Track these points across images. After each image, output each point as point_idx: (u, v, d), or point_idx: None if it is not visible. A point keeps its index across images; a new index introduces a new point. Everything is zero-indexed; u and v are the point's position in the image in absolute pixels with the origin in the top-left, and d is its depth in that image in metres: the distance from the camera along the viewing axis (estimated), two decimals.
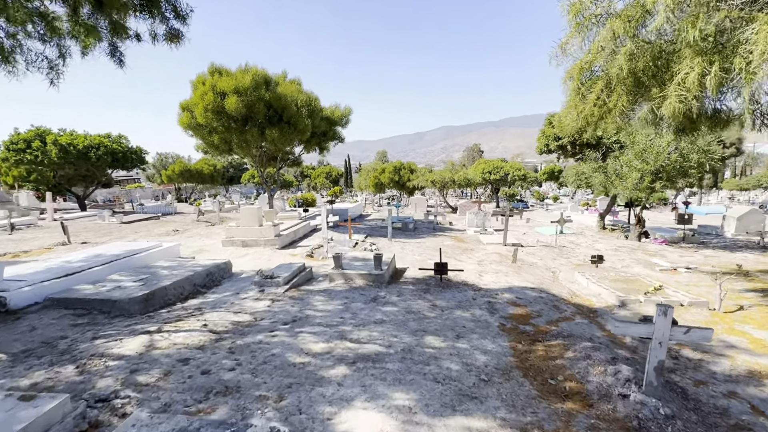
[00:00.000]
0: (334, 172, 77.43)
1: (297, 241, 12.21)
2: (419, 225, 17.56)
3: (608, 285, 7.36)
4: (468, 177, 31.12)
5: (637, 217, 13.14)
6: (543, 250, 11.82)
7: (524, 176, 40.60)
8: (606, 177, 12.54)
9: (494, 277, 7.98)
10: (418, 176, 32.85)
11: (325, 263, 9.09)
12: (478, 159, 69.59)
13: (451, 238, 13.88)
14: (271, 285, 6.56)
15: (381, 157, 69.65)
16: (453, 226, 18.41)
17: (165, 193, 51.37)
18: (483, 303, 6.15)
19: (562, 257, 11.00)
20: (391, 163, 40.30)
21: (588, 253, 11.60)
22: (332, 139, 16.99)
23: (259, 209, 11.15)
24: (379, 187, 41.50)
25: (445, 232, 15.58)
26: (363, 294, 6.36)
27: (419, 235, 14.24)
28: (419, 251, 10.86)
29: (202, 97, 12.86)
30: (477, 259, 10.33)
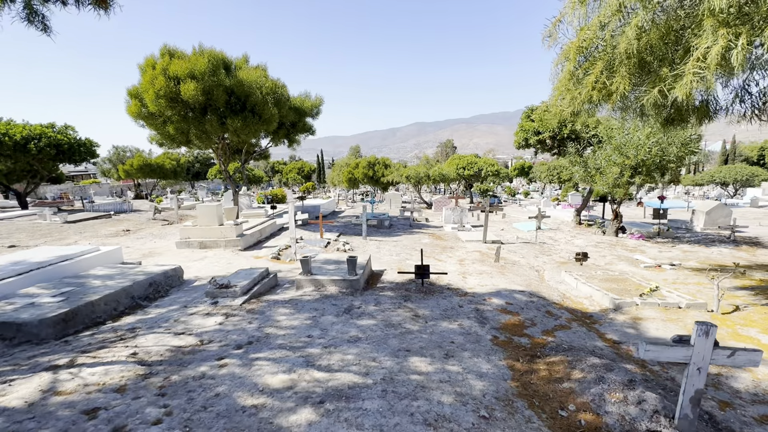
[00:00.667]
0: (306, 167, 75.59)
1: (263, 242, 11.16)
2: (395, 222, 16.85)
3: (598, 285, 6.91)
4: (443, 172, 30.74)
5: (614, 212, 13.00)
6: (524, 248, 11.39)
7: (497, 172, 40.86)
8: (586, 171, 12.28)
9: (479, 279, 7.35)
10: (392, 171, 32.16)
11: (293, 266, 8.18)
12: (452, 155, 69.87)
13: (429, 235, 13.25)
14: (226, 296, 5.60)
15: (354, 153, 68.53)
16: (429, 222, 17.83)
17: (124, 190, 48.17)
18: (471, 311, 5.47)
19: (544, 254, 10.60)
20: (365, 158, 39.40)
21: (568, 250, 11.29)
22: (302, 131, 15.92)
23: (219, 206, 10.04)
24: (352, 183, 40.53)
25: (422, 229, 14.94)
26: (335, 304, 5.53)
27: (395, 233, 13.52)
28: (396, 251, 10.13)
29: (152, 82, 11.48)
30: (458, 258, 9.71)
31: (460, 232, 13.80)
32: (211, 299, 5.57)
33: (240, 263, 8.31)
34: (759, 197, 34.06)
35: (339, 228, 14.02)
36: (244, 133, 12.38)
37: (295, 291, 6.18)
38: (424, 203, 30.79)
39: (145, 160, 40.60)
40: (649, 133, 10.20)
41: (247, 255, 9.27)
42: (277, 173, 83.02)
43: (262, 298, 5.79)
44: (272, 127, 13.01)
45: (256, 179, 53.25)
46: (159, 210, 16.65)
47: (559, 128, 13.18)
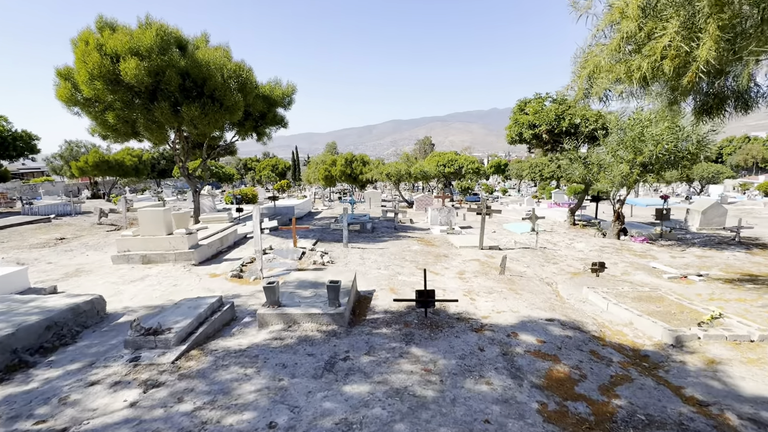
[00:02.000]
0: (281, 164, 73.01)
1: (224, 252, 9.38)
2: (377, 224, 15.34)
3: (635, 307, 5.68)
4: (424, 170, 29.48)
5: (616, 213, 12.02)
6: (525, 254, 10.16)
7: (478, 169, 40.11)
8: (587, 169, 11.20)
9: (491, 302, 5.97)
10: (371, 169, 30.61)
11: (257, 288, 6.52)
12: (431, 152, 69.13)
13: (418, 240, 11.82)
14: (154, 346, 3.92)
15: (331, 149, 66.41)
16: (414, 224, 16.44)
17: (81, 189, 44.35)
18: (496, 356, 4.06)
19: (549, 262, 9.39)
20: (343, 155, 37.63)
21: (570, 255, 10.16)
22: (273, 123, 14.10)
23: (167, 211, 8.20)
24: (329, 181, 38.69)
25: (408, 233, 13.51)
26: (312, 353, 3.96)
27: (380, 238, 12.02)
28: (384, 262, 8.63)
29: (84, 60, 9.44)
30: (456, 269, 8.33)
31: (451, 236, 12.46)
32: (132, 352, 3.88)
33: (188, 286, 6.56)
34: (728, 194, 34.75)
35: (316, 233, 12.36)
36: (203, 124, 10.49)
37: (257, 331, 4.56)
38: (404, 202, 29.45)
39: (101, 156, 37.18)
40: (669, 126, 9.16)
41: (201, 272, 7.50)
42: (249, 171, 79.85)
43: (208, 347, 4.14)
44: (237, 116, 11.17)
45: (227, 177, 50.47)
46: (105, 213, 14.41)
47: (557, 121, 12.04)
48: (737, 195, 35.21)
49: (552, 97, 12.95)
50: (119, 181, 47.29)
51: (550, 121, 11.77)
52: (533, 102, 12.26)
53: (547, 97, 12.81)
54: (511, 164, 69.51)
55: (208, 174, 13.99)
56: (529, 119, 12.51)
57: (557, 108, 12.08)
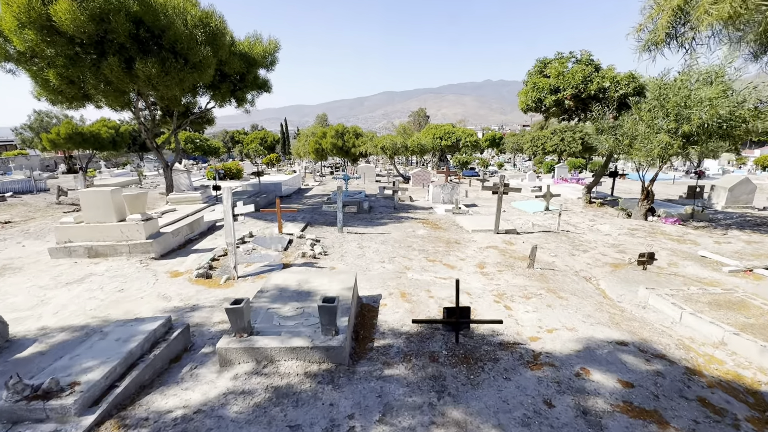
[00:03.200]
0: (270, 137, 70.23)
1: (195, 241, 7.83)
2: (375, 203, 13.83)
3: (717, 318, 4.37)
4: (422, 143, 27.71)
5: (646, 190, 10.65)
6: (548, 239, 8.81)
7: (476, 142, 38.41)
8: (617, 140, 9.69)
9: (533, 311, 4.60)
10: (365, 141, 28.75)
11: (230, 291, 5.06)
12: (425, 124, 66.85)
13: (422, 222, 10.38)
14: (43, 418, 2.47)
15: (321, 121, 63.58)
16: (415, 202, 14.96)
17: (58, 163, 41.86)
18: (574, 417, 2.71)
19: (579, 250, 8.05)
20: (333, 127, 35.50)
21: (599, 241, 8.84)
22: (254, 86, 12.21)
23: (116, 192, 6.56)
24: (320, 154, 36.74)
25: (409, 212, 12.05)
26: (295, 427, 2.56)
27: (379, 220, 10.54)
28: (388, 252, 7.19)
29: (8, 2, 7.46)
30: (474, 260, 6.94)
31: (459, 217, 11.03)
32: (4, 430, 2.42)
33: (138, 292, 5.06)
34: (728, 169, 33.68)
35: (305, 215, 10.81)
36: (165, 85, 8.65)
37: (216, 373, 3.13)
38: (400, 177, 27.84)
39: (75, 127, 34.47)
40: (724, 89, 7.63)
41: (160, 268, 5.99)
42: (237, 144, 77.05)
43: (135, 412, 2.69)
44: (207, 77, 9.32)
45: (213, 150, 48.08)
46: (64, 191, 12.60)
47: (584, 84, 10.40)
48: (734, 170, 34.13)
49: (576, 56, 11.23)
50: (97, 154, 44.60)
51: (577, 84, 10.12)
52: (555, 62, 10.55)
53: (570, 57, 11.07)
54: (506, 137, 67.58)
55: (179, 146, 12.22)
56: (550, 83, 10.82)
57: (584, 69, 10.39)
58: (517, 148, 75.77)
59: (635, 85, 10.34)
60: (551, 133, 31.65)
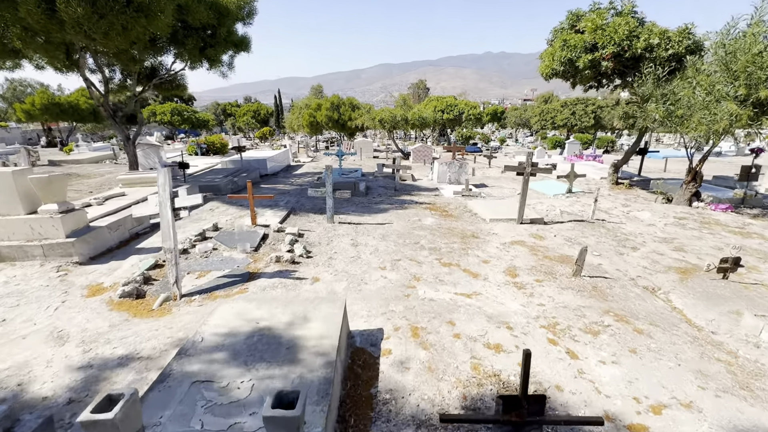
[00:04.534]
0: (263, 110, 67.43)
1: (142, 236, 6.18)
2: (372, 183, 12.12)
3: None
4: (423, 116, 25.66)
5: (694, 170, 9.00)
6: (584, 231, 7.22)
7: (480, 116, 36.29)
8: (667, 111, 7.93)
9: (611, 364, 3.05)
10: (361, 114, 26.65)
11: (164, 323, 3.50)
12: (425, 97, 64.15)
13: (429, 208, 8.75)
14: None
15: (316, 93, 60.51)
16: (418, 181, 13.27)
17: (41, 135, 39.73)
18: None
19: (625, 246, 6.49)
20: (328, 99, 33.14)
21: (642, 232, 7.27)
22: (228, 44, 10.21)
23: (20, 173, 4.84)
24: (314, 128, 34.57)
25: (412, 195, 10.39)
26: None
27: (377, 204, 8.90)
28: (389, 251, 5.60)
29: None
30: (501, 263, 5.37)
31: (471, 202, 9.40)
32: None
33: (23, 327, 3.46)
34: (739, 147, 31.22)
35: (290, 198, 9.12)
36: (102, 32, 6.73)
37: None
38: (399, 153, 25.97)
39: (51, 97, 32.01)
40: None
41: (78, 282, 4.37)
42: (229, 117, 74.26)
43: None
44: (161, 24, 7.37)
45: (201, 123, 45.67)
46: None
47: (629, 40, 8.52)
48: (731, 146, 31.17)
49: (616, 7, 9.27)
50: (81, 127, 42.11)
51: (620, 41, 8.25)
52: (592, 15, 8.61)
53: (610, 8, 9.12)
54: (508, 112, 64.77)
55: (142, 116, 10.32)
56: (585, 39, 8.91)
57: (627, 22, 8.47)
58: (520, 123, 73.19)
59: (688, 42, 8.48)
60: (561, 106, 29.58)
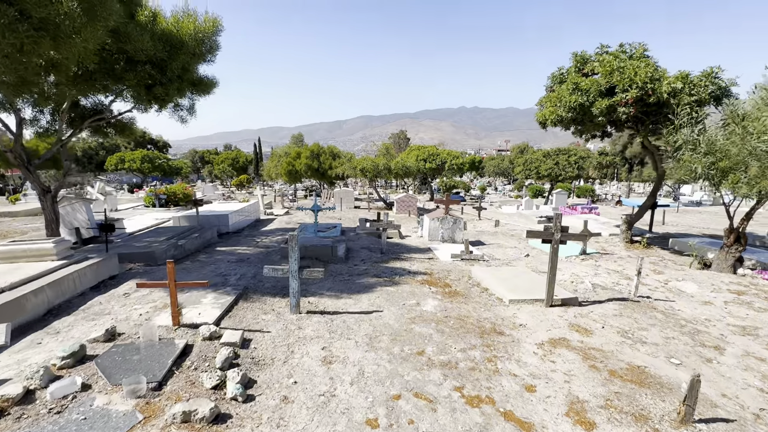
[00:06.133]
0: (242, 157, 66.35)
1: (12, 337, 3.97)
2: (354, 242, 10.24)
3: None
4: (406, 165, 24.63)
5: (737, 230, 7.59)
6: (634, 317, 5.42)
7: (462, 165, 35.88)
8: (706, 162, 6.62)
9: None
10: (342, 162, 25.42)
11: None
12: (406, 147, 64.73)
13: (427, 282, 6.84)
14: None
15: (296, 141, 60.15)
16: (406, 239, 11.50)
17: None
18: None
19: (702, 344, 4.69)
20: (309, 147, 32.10)
21: (709, 317, 5.54)
22: (184, 84, 8.61)
23: None
24: (293, 176, 33.11)
25: (402, 261, 8.52)
26: None
27: (360, 276, 6.95)
28: (381, 370, 3.58)
29: None
30: (552, 393, 3.43)
31: (475, 269, 7.56)
32: None
33: None
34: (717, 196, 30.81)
35: (247, 270, 7.03)
36: None
37: None
38: (382, 202, 24.50)
39: None
40: None
41: None
42: (207, 164, 72.84)
43: None
44: (78, 50, 5.66)
45: (174, 171, 43.57)
46: None
47: (652, 83, 7.40)
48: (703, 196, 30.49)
49: (626, 50, 8.32)
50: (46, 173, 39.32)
51: (643, 83, 7.15)
52: (607, 56, 7.62)
53: (620, 51, 8.17)
54: (486, 161, 66.22)
55: (68, 162, 8.28)
56: (599, 82, 7.77)
57: (647, 65, 7.43)
58: (498, 172, 74.49)
59: (713, 87, 7.44)
60: (544, 156, 29.41)
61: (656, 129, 8.54)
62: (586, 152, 30.21)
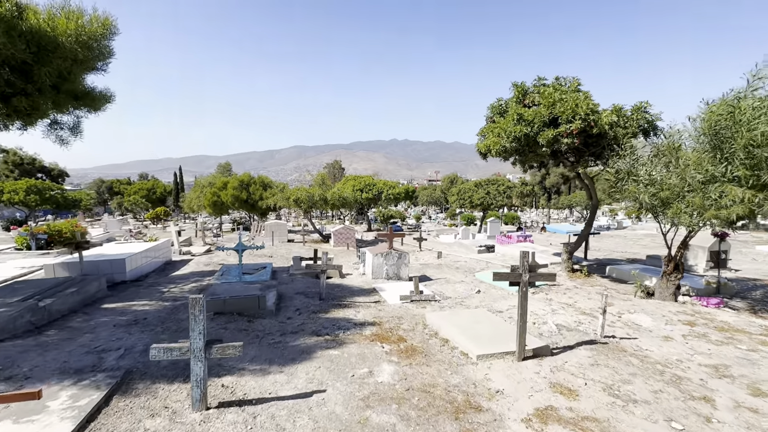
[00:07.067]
0: (159, 188, 60.17)
1: None
2: (287, 287, 8.76)
3: None
4: (343, 195, 23.66)
5: (675, 260, 7.72)
6: (616, 369, 4.83)
7: (398, 195, 35.97)
8: (656, 194, 6.62)
9: None
10: (275, 193, 23.65)
11: None
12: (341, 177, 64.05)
13: (378, 337, 5.68)
14: None
15: (223, 171, 56.20)
16: (347, 278, 10.30)
17: None
18: None
19: (692, 396, 4.19)
20: (237, 176, 29.71)
21: (677, 358, 5.17)
22: (62, 96, 6.77)
23: None
24: (219, 208, 30.21)
25: (345, 307, 7.28)
26: None
27: (294, 336, 5.57)
28: None
29: None
30: None
31: (431, 315, 6.61)
32: None
33: None
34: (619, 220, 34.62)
35: (140, 338, 5.26)
36: None
37: None
38: (318, 234, 23.04)
39: None
40: None
41: None
42: (117, 195, 64.86)
43: None
44: None
45: (71, 203, 37.50)
46: None
47: (594, 115, 7.42)
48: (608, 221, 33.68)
49: (563, 84, 8.45)
50: None
51: (586, 115, 7.14)
52: (548, 88, 7.64)
53: (558, 85, 8.26)
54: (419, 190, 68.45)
55: None
56: (541, 112, 7.64)
57: (586, 97, 7.51)
58: (431, 201, 77.08)
59: (646, 119, 7.73)
60: (476, 186, 30.61)
61: (593, 161, 8.65)
62: (510, 182, 32.19)
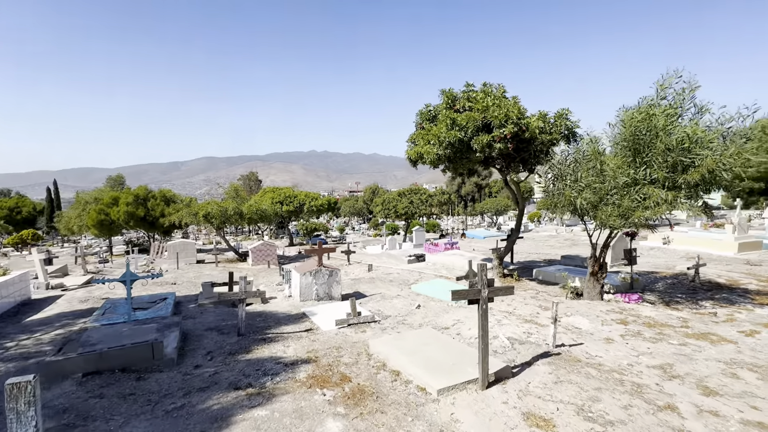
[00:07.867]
0: (27, 206, 50.19)
1: None
2: (195, 323, 7.13)
3: None
4: (262, 208, 21.68)
5: (598, 260, 8.05)
6: (581, 384, 4.50)
7: (321, 207, 34.66)
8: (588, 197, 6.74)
9: None
10: (179, 208, 20.70)
11: None
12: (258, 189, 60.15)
13: (316, 381, 4.62)
14: None
15: (114, 184, 48.43)
16: (270, 303, 8.95)
17: None
18: None
19: (656, 405, 4.00)
20: (131, 191, 25.48)
21: (629, 362, 5.14)
22: None
23: None
24: (106, 228, 25.60)
25: (272, 342, 6.04)
26: None
27: (202, 395, 4.23)
28: None
29: None
30: None
31: (375, 342, 5.75)
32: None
33: None
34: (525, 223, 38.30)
35: None
36: None
37: None
38: (234, 253, 20.71)
39: None
40: None
41: None
42: None
43: None
44: None
45: None
46: None
47: (525, 120, 7.40)
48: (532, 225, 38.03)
49: (491, 90, 8.43)
50: None
51: (517, 119, 7.08)
52: (478, 93, 7.48)
53: (487, 90, 8.21)
54: (341, 201, 67.88)
55: None
56: (474, 117, 7.42)
57: (515, 103, 7.51)
58: (353, 212, 76.74)
59: (566, 126, 8.01)
60: (399, 196, 30.84)
61: (521, 167, 8.75)
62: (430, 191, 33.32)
